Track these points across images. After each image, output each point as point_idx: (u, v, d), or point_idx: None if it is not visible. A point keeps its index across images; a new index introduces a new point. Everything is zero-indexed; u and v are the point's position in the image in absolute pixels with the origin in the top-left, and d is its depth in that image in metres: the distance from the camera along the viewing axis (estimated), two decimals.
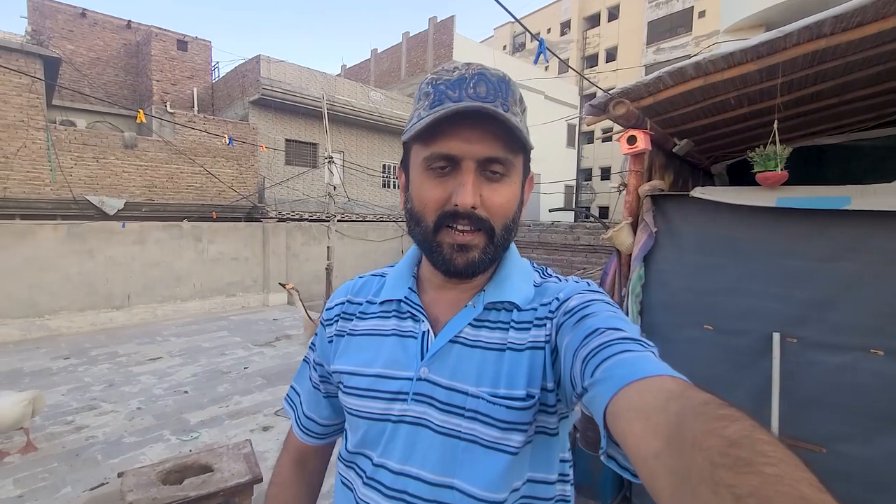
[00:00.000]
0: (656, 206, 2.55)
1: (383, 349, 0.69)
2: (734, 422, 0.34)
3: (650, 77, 2.32)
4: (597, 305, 0.59)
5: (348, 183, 11.16)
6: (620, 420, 0.43)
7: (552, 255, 7.59)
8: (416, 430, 0.64)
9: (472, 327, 0.66)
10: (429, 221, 0.63)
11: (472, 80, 0.60)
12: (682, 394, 0.40)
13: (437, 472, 0.62)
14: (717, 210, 2.31)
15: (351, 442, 0.71)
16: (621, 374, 0.46)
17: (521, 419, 0.60)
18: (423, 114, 0.61)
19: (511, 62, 18.32)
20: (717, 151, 4.00)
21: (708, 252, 2.36)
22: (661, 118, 2.75)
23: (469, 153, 0.59)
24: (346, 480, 0.71)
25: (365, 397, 0.68)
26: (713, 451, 0.32)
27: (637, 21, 25.93)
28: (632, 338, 0.52)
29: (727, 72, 2.24)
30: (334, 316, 0.77)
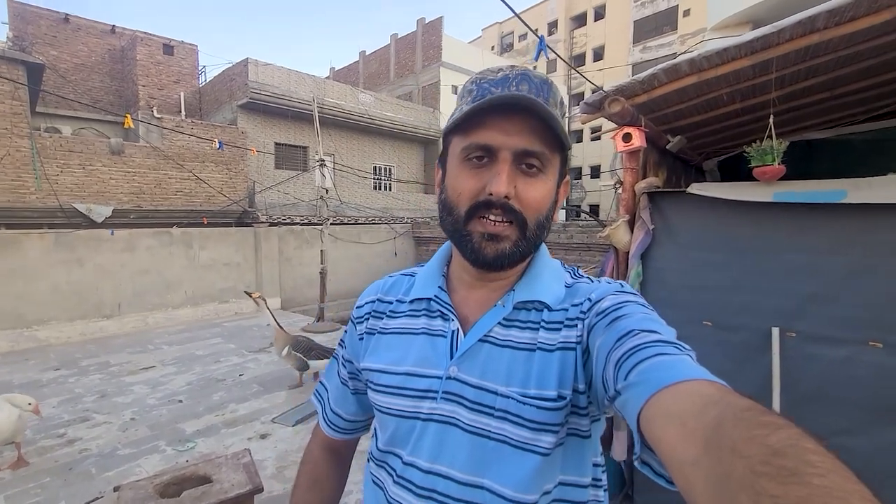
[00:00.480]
0: (653, 203, 2.55)
1: (413, 348, 0.69)
2: (778, 430, 0.32)
3: (645, 74, 2.32)
4: (631, 307, 0.58)
5: (339, 185, 11.11)
6: (655, 425, 0.42)
7: None
8: (445, 428, 0.64)
9: (502, 327, 0.66)
10: (461, 211, 0.63)
11: (516, 79, 0.61)
12: (721, 399, 0.39)
13: (466, 472, 0.62)
14: (714, 206, 2.31)
15: (381, 440, 0.71)
16: (656, 377, 0.45)
17: (552, 420, 0.60)
18: (465, 108, 0.62)
19: (499, 62, 18.36)
20: (709, 148, 4.02)
21: (706, 248, 2.37)
22: (655, 115, 2.76)
23: (506, 144, 0.60)
24: (377, 479, 0.71)
25: (394, 395, 0.68)
26: (755, 459, 0.31)
27: (623, 20, 26.14)
28: (667, 341, 0.50)
29: (721, 68, 2.24)
30: (365, 314, 0.78)
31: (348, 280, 8.66)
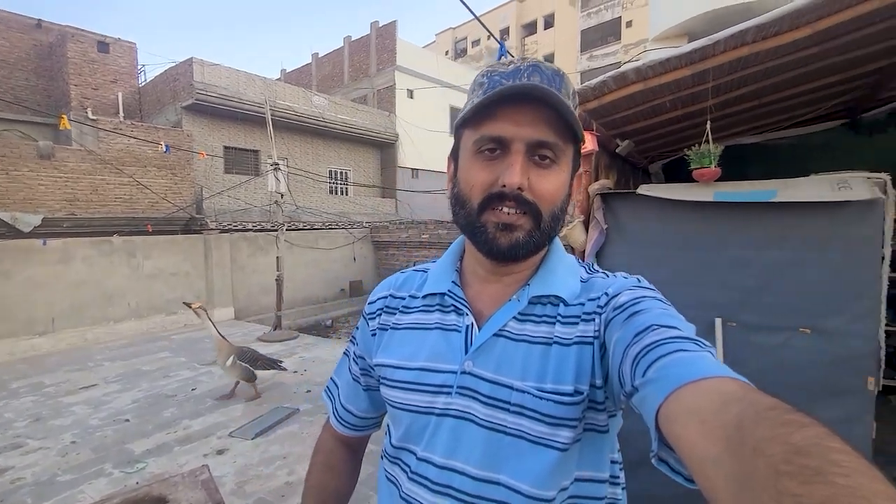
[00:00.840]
0: (605, 204, 2.67)
1: (427, 343, 0.69)
2: (802, 428, 0.32)
3: (596, 81, 2.44)
4: (649, 302, 0.57)
5: (294, 190, 10.82)
6: (675, 423, 0.41)
7: None
8: (460, 423, 0.64)
9: (517, 321, 0.65)
10: (474, 203, 0.62)
11: (527, 70, 0.61)
12: (742, 397, 0.38)
13: (482, 467, 0.61)
14: (661, 206, 2.46)
15: (395, 436, 0.71)
16: (676, 374, 0.44)
17: (570, 415, 0.59)
18: (476, 101, 0.61)
19: (453, 67, 18.58)
20: (654, 151, 4.27)
21: (654, 246, 2.51)
22: (605, 120, 2.90)
23: (519, 135, 0.59)
24: (391, 476, 0.70)
25: (408, 390, 0.68)
26: (777, 458, 0.30)
27: (571, 30, 27.15)
28: (687, 337, 0.49)
29: (664, 76, 2.40)
30: (377, 310, 0.78)
31: (305, 287, 8.45)
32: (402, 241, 9.08)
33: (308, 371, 5.94)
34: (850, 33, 2.18)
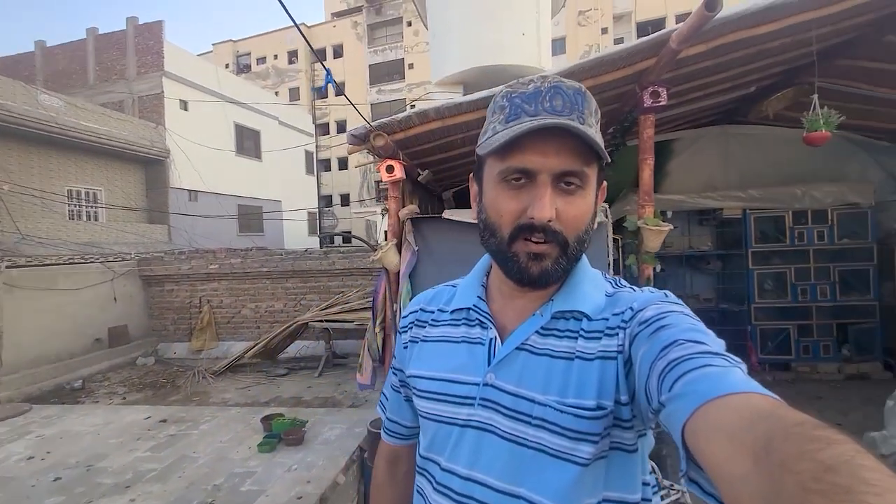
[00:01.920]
0: (415, 227, 2.89)
1: (453, 355, 0.71)
2: (831, 445, 0.31)
3: (402, 116, 2.65)
4: (675, 317, 0.56)
5: (15, 214, 8.12)
6: (701, 438, 0.41)
7: (308, 283, 7.43)
8: (482, 435, 0.65)
9: (540, 336, 0.65)
10: (504, 233, 0.63)
11: (549, 93, 0.60)
12: (771, 413, 0.38)
13: (504, 480, 0.62)
14: (461, 228, 2.80)
15: (422, 446, 0.73)
16: (702, 389, 0.43)
17: (591, 429, 0.58)
18: (499, 128, 0.61)
19: (237, 82, 17.18)
20: (447, 181, 4.82)
21: (458, 264, 2.80)
22: (410, 151, 3.16)
23: (545, 167, 0.59)
24: (419, 487, 0.72)
25: (435, 400, 0.70)
26: (806, 475, 0.30)
27: (360, 63, 28.39)
28: (715, 352, 0.48)
29: (457, 118, 2.77)
30: (409, 323, 0.81)
31: (41, 341, 6.08)
32: (182, 275, 7.74)
33: (53, 453, 4.43)
34: None
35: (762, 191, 5.13)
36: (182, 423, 4.11)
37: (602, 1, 23.77)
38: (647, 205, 2.76)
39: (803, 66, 3.63)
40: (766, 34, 2.48)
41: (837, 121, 2.60)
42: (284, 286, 7.46)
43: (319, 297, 7.26)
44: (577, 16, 24.04)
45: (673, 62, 2.42)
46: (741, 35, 2.46)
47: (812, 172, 5.03)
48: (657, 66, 2.48)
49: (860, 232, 5.03)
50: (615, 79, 2.65)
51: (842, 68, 3.48)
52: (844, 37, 3.00)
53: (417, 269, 2.89)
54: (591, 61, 2.42)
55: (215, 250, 7.76)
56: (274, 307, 7.51)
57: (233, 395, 5.49)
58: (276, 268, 7.39)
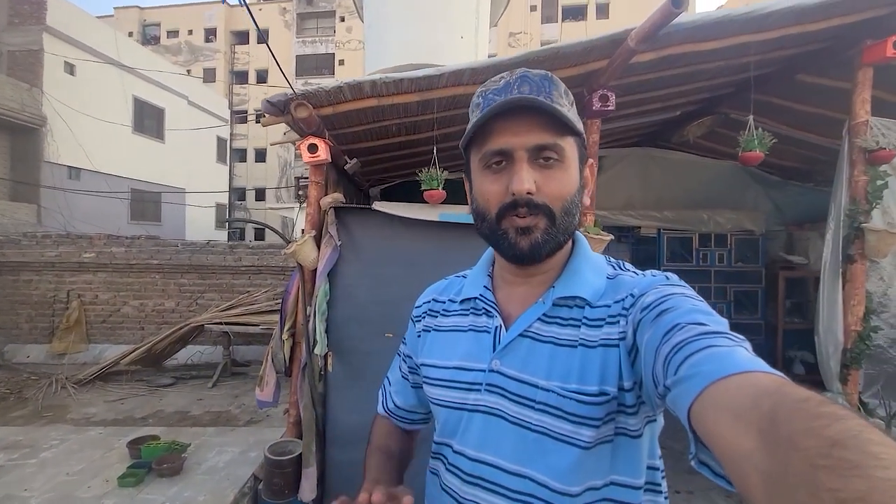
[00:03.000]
0: (339, 219, 2.51)
1: (461, 343, 0.74)
2: (838, 420, 0.31)
3: (331, 85, 2.28)
4: (676, 299, 0.56)
5: None
6: (707, 419, 0.41)
7: (207, 280, 6.55)
8: (489, 419, 0.67)
9: (543, 323, 0.67)
10: (492, 214, 0.65)
11: (516, 82, 0.64)
12: (776, 390, 0.37)
13: (511, 461, 0.63)
14: (392, 223, 2.48)
15: (436, 432, 0.76)
16: (707, 370, 0.43)
17: (592, 414, 0.59)
18: (475, 121, 0.65)
19: (141, 52, 15.22)
20: (375, 175, 4.46)
21: (387, 263, 2.50)
22: (337, 133, 2.78)
23: (518, 144, 0.62)
24: (434, 468, 0.75)
25: (445, 387, 0.73)
26: (813, 451, 0.30)
27: (286, 51, 26.90)
28: (718, 332, 0.48)
29: (396, 97, 2.46)
30: (422, 313, 0.84)
31: None
32: (46, 263, 6.43)
33: None
34: None
35: (675, 213, 5.44)
36: (15, 449, 3.21)
37: (532, 26, 24.93)
38: (589, 213, 2.66)
39: (722, 96, 3.85)
40: (708, 52, 2.51)
41: (770, 143, 2.71)
42: (178, 282, 6.51)
43: (221, 296, 6.43)
44: (508, 37, 24.97)
45: (625, 65, 2.34)
46: (687, 48, 2.46)
47: (716, 199, 5.45)
48: (610, 67, 2.38)
49: (752, 257, 5.53)
50: (566, 76, 2.52)
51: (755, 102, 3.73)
52: (764, 70, 3.18)
53: (339, 268, 2.51)
54: (546, 51, 2.26)
55: (92, 236, 6.57)
56: (164, 306, 6.52)
57: (99, 409, 4.55)
58: (168, 261, 6.43)
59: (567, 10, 24.94)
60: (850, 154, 2.65)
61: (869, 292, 2.63)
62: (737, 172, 5.26)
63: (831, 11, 2.32)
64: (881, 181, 2.55)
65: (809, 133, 3.94)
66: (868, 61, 2.55)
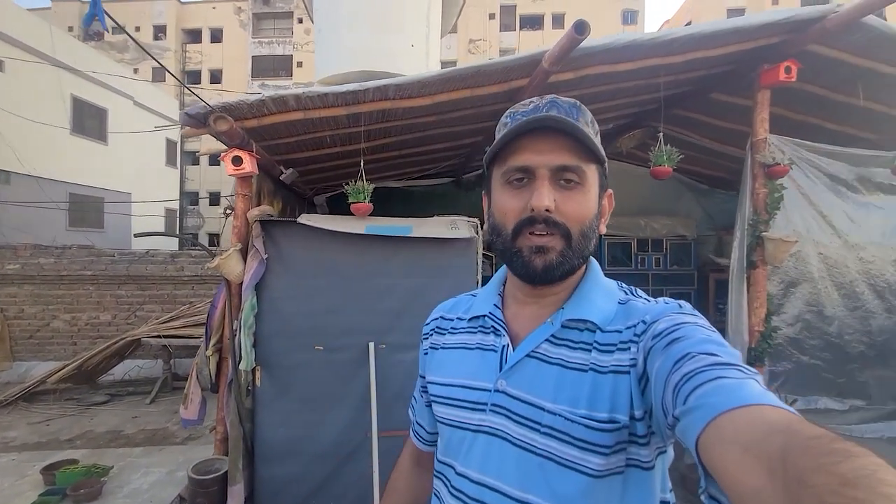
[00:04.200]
0: (266, 231, 2.49)
1: (468, 361, 0.73)
2: (850, 458, 0.31)
3: (254, 99, 2.26)
4: (688, 328, 0.55)
5: None
6: (714, 452, 0.40)
7: (147, 290, 6.28)
8: (493, 440, 0.65)
9: (552, 344, 0.66)
10: (508, 229, 0.65)
11: (545, 106, 0.65)
12: (787, 427, 0.37)
13: (514, 486, 0.62)
14: (321, 236, 2.48)
15: (440, 450, 0.75)
16: (715, 402, 0.42)
17: (601, 441, 0.58)
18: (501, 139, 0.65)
19: (80, 49, 14.38)
20: (319, 184, 4.42)
21: (315, 276, 2.50)
22: (268, 144, 2.75)
23: (542, 162, 0.62)
24: (436, 490, 0.74)
25: (449, 405, 0.71)
26: (823, 489, 0.29)
27: (241, 52, 26.16)
28: (729, 363, 0.48)
29: (323, 111, 2.47)
30: (430, 330, 0.84)
31: None
32: None
33: None
34: (454, 111, 2.85)
35: (615, 219, 5.68)
36: None
37: (491, 34, 25.35)
38: None
39: (650, 110, 4.07)
40: (624, 72, 2.66)
41: (678, 158, 2.89)
42: (115, 294, 6.20)
43: (162, 307, 6.17)
44: (468, 43, 25.27)
45: (544, 84, 2.44)
46: (603, 69, 2.60)
47: (652, 206, 5.74)
48: (530, 85, 2.49)
49: (685, 260, 5.86)
50: (490, 93, 2.61)
51: (678, 117, 3.97)
52: (681, 89, 3.40)
53: (267, 281, 2.49)
54: (469, 69, 2.34)
55: (17, 247, 6.16)
56: (99, 319, 6.19)
57: (20, 432, 4.26)
58: (104, 271, 6.11)
59: (524, 19, 25.53)
60: (752, 168, 2.87)
61: (770, 294, 2.86)
62: (670, 182, 5.52)
63: (728, 39, 2.52)
64: (778, 193, 2.78)
65: (728, 146, 4.22)
66: (765, 84, 2.78)
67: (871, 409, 3.00)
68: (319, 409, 2.48)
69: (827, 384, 3.03)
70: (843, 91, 3.00)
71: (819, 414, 2.92)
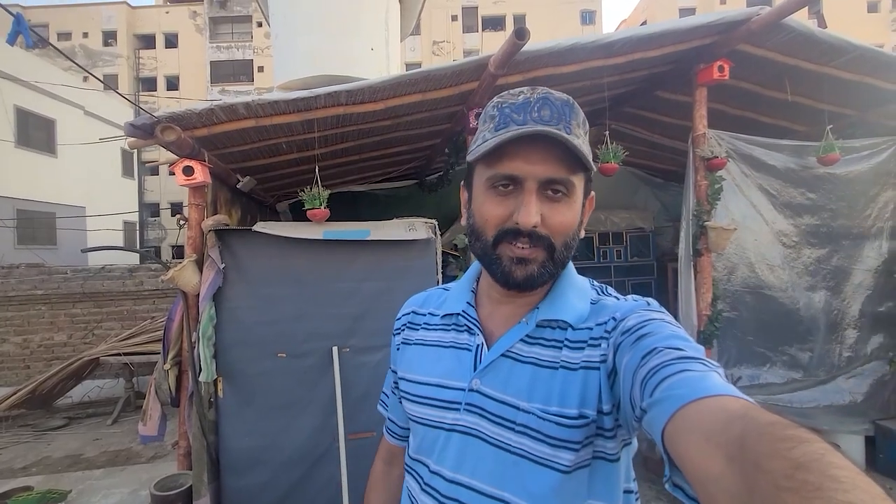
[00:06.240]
0: (222, 241, 2.47)
1: (441, 360, 0.72)
2: (802, 443, 0.32)
3: (202, 107, 2.24)
4: (656, 325, 0.57)
5: None
6: (678, 441, 0.42)
7: (105, 307, 6.04)
8: (468, 439, 0.66)
9: (526, 343, 0.66)
10: (489, 236, 0.64)
11: (537, 104, 0.61)
12: (745, 414, 0.38)
13: (489, 483, 0.63)
14: (279, 243, 2.48)
15: (411, 447, 0.76)
16: (680, 393, 0.44)
17: (572, 437, 0.59)
18: (489, 136, 0.62)
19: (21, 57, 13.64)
20: (279, 191, 4.38)
21: (274, 283, 2.49)
22: (221, 152, 2.72)
23: (531, 174, 0.61)
24: (408, 487, 0.74)
25: (423, 404, 0.72)
26: (777, 473, 0.31)
27: (199, 57, 25.41)
28: (693, 357, 0.50)
29: (275, 118, 2.47)
30: (401, 325, 0.83)
31: None
32: None
33: None
34: (409, 115, 2.90)
35: None
36: None
37: (454, 35, 25.51)
38: None
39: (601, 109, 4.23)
40: (571, 73, 2.77)
41: (622, 155, 3.03)
42: (70, 313, 5.94)
43: (122, 324, 5.96)
44: (432, 45, 25.35)
45: (493, 87, 2.52)
46: (551, 71, 2.70)
47: (611, 201, 5.92)
48: (480, 88, 2.56)
49: (645, 251, 6.08)
50: (443, 97, 2.67)
51: (628, 115, 4.14)
52: (629, 87, 3.55)
53: (224, 291, 2.46)
54: (417, 74, 2.38)
55: None
56: (53, 340, 5.92)
57: None
58: (57, 290, 5.85)
59: (486, 20, 25.81)
60: (694, 162, 3.04)
61: (715, 280, 3.03)
62: (627, 176, 5.76)
63: (664, 40, 2.66)
64: (717, 185, 2.95)
65: (676, 141, 4.42)
66: (701, 82, 2.95)
67: (806, 379, 3.23)
68: (285, 416, 2.47)
69: (766, 360, 3.24)
70: (773, 87, 3.21)
71: (762, 388, 3.12)
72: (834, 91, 3.11)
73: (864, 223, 3.37)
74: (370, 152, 3.61)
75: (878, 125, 3.45)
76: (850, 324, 3.37)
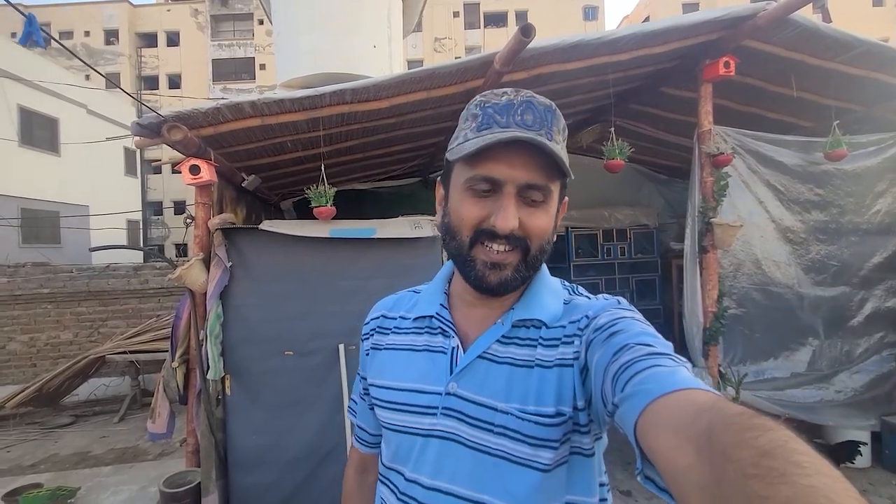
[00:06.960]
0: (229, 240, 2.48)
1: (414, 364, 0.71)
2: (766, 432, 0.33)
3: (208, 106, 2.25)
4: (626, 322, 0.58)
5: None
6: (649, 435, 0.43)
7: (110, 306, 6.07)
8: (446, 444, 0.65)
9: (501, 344, 0.66)
10: (464, 237, 0.64)
11: (520, 107, 0.61)
12: (712, 406, 0.39)
13: (468, 488, 0.62)
14: (284, 242, 2.49)
15: (385, 456, 0.73)
16: (650, 388, 0.45)
17: (551, 436, 0.60)
18: (471, 135, 0.62)
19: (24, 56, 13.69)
20: (284, 189, 4.38)
21: (281, 281, 2.50)
22: (227, 151, 2.73)
23: (512, 178, 0.61)
24: (382, 497, 0.72)
25: (397, 411, 0.70)
26: (744, 462, 0.31)
27: (201, 55, 25.41)
28: (662, 353, 0.51)
29: (280, 116, 2.47)
30: (370, 330, 0.80)
31: None
32: None
33: None
34: (413, 112, 2.89)
35: (580, 212, 5.84)
36: None
37: (456, 32, 25.43)
38: None
39: (606, 105, 4.22)
40: (575, 70, 2.76)
41: (629, 151, 3.02)
42: (76, 311, 5.97)
43: (127, 322, 5.98)
44: (434, 42, 25.29)
45: (498, 84, 2.51)
46: (555, 68, 2.69)
47: (615, 197, 5.92)
48: (485, 86, 2.55)
49: (649, 248, 6.07)
50: (447, 94, 2.66)
51: (633, 111, 4.12)
52: (633, 84, 3.53)
53: (231, 289, 2.48)
54: (423, 71, 2.38)
55: None
56: (59, 338, 5.95)
57: None
58: (62, 288, 5.88)
59: (489, 16, 25.72)
60: (700, 158, 3.03)
61: (721, 277, 3.02)
62: (631, 173, 5.74)
63: (669, 36, 2.65)
64: (723, 181, 2.94)
65: (680, 137, 4.40)
66: (707, 77, 2.93)
67: (812, 374, 3.23)
68: (292, 415, 2.49)
69: (772, 356, 3.23)
70: (779, 83, 3.19)
71: (767, 382, 3.12)
72: (840, 86, 3.10)
73: (873, 219, 3.35)
74: (374, 150, 3.61)
75: (884, 120, 3.43)
76: (856, 320, 3.36)
